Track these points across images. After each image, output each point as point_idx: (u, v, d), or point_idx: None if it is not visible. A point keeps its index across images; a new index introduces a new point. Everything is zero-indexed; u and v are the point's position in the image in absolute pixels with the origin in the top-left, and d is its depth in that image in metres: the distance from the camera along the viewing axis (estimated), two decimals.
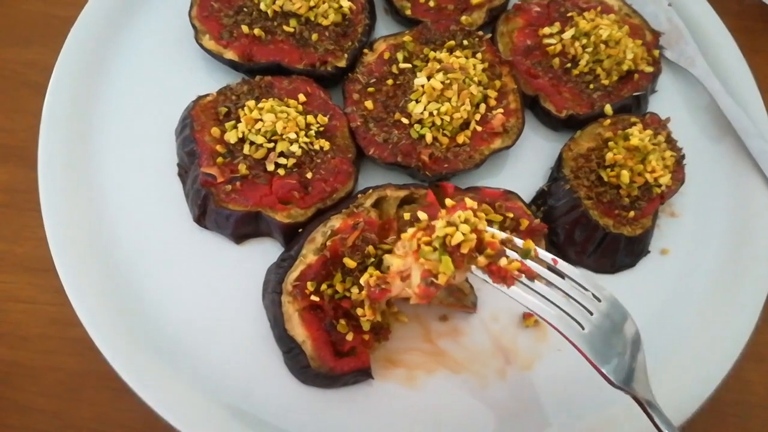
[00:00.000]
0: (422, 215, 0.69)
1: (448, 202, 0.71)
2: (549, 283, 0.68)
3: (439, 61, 0.89)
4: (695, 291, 0.88)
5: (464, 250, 0.64)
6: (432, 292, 0.65)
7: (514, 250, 0.68)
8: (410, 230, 0.69)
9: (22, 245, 0.87)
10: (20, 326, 0.84)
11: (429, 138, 0.87)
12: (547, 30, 0.97)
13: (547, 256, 0.70)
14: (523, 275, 0.67)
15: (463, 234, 0.64)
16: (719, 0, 1.10)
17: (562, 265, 0.70)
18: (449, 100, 0.87)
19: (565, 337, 0.65)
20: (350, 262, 0.76)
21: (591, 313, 0.67)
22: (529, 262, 0.68)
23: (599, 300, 0.68)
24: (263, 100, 0.85)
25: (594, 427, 0.78)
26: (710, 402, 0.80)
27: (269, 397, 0.76)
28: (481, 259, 0.65)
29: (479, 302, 0.83)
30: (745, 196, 0.93)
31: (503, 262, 0.65)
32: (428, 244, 0.65)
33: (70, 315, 0.76)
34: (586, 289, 0.68)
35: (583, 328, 0.66)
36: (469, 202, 0.70)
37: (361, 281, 0.72)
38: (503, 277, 0.65)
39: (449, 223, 0.65)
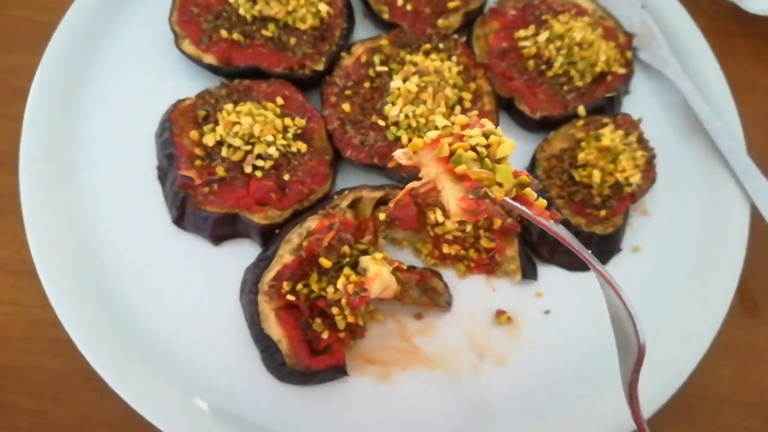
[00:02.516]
0: (441, 121, 0.59)
1: (461, 119, 0.60)
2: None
3: (415, 64, 0.91)
4: (666, 288, 0.90)
5: (506, 167, 0.55)
6: (486, 208, 0.54)
7: None
8: (429, 134, 0.59)
9: (4, 248, 0.89)
10: (3, 328, 0.85)
11: (405, 140, 0.88)
12: (522, 33, 0.99)
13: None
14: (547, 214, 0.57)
15: (512, 146, 0.55)
16: (693, 2, 1.12)
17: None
18: (424, 102, 0.88)
19: (608, 280, 0.57)
20: (326, 262, 0.78)
21: None
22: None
23: None
24: (241, 103, 0.87)
25: (564, 421, 0.79)
26: (681, 396, 0.82)
27: (247, 395, 0.78)
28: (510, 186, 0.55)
29: (453, 300, 0.85)
30: (716, 195, 0.95)
31: (532, 196, 0.57)
32: (467, 150, 0.55)
33: (52, 316, 0.77)
34: None
35: None
36: (486, 121, 0.59)
37: (339, 286, 0.74)
38: (540, 211, 0.56)
39: (486, 134, 0.56)
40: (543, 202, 0.56)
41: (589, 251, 0.59)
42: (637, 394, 0.61)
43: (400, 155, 0.60)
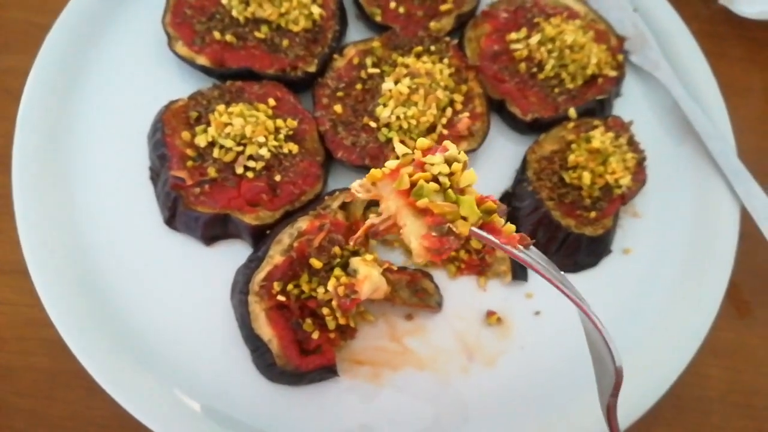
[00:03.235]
0: (401, 148, 0.56)
1: (422, 142, 0.56)
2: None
3: (406, 67, 0.91)
4: (656, 289, 0.90)
5: (471, 195, 0.52)
6: (450, 245, 0.52)
7: None
8: (388, 164, 0.55)
9: None
10: None
11: (396, 141, 0.89)
12: (514, 35, 0.99)
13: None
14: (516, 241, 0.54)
15: (474, 174, 0.52)
16: (686, 5, 1.13)
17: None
18: (416, 104, 0.89)
19: (579, 306, 0.55)
20: (316, 263, 0.78)
21: None
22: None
23: None
24: (233, 104, 0.87)
25: (553, 422, 0.80)
26: (671, 397, 0.82)
27: (238, 395, 0.78)
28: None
29: (443, 301, 0.85)
30: (706, 197, 0.95)
31: (500, 222, 0.54)
32: (428, 181, 0.52)
33: (45, 316, 0.78)
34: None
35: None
36: (449, 144, 0.56)
37: (329, 287, 0.74)
38: (509, 238, 0.53)
39: (449, 160, 0.53)
40: (511, 227, 0.54)
41: (562, 272, 0.57)
42: (616, 419, 0.60)
43: (357, 188, 0.56)
